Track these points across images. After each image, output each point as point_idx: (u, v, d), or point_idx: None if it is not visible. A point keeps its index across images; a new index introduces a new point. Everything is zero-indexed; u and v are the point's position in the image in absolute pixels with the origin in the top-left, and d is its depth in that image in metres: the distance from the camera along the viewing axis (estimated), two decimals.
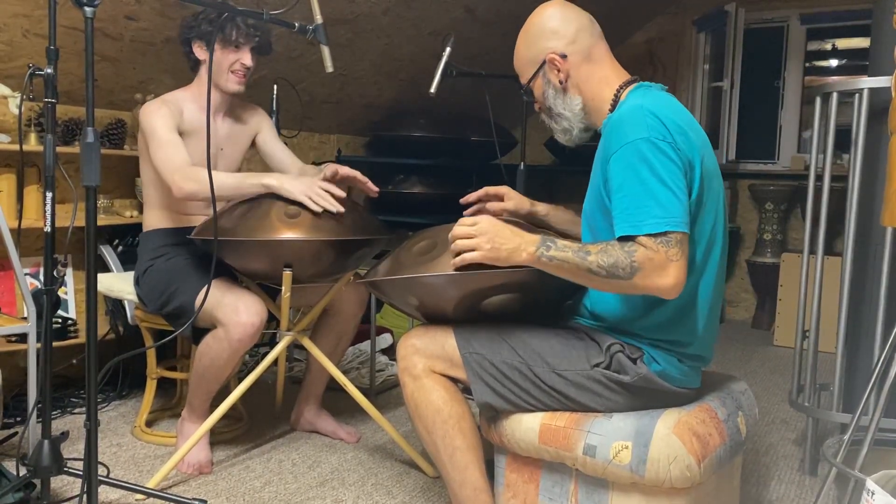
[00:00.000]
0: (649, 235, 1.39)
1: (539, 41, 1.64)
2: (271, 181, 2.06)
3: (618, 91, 1.62)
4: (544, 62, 1.64)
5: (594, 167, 1.58)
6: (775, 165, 4.78)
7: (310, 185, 2.04)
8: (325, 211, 2.02)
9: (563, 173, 5.13)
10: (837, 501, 1.95)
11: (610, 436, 1.52)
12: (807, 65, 4.82)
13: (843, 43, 4.86)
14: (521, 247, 1.51)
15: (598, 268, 1.42)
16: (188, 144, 2.24)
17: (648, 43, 5.08)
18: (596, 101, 1.64)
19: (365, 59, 3.67)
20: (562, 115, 1.67)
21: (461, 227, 1.57)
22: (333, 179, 2.17)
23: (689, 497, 1.51)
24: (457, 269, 1.57)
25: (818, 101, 2.32)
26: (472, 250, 1.53)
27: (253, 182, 2.08)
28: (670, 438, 1.48)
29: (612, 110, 1.61)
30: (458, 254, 1.56)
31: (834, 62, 5.01)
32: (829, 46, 4.93)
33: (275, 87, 3.17)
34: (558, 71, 1.63)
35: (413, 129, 4.10)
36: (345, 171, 2.21)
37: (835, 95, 2.23)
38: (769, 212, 4.59)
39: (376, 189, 2.22)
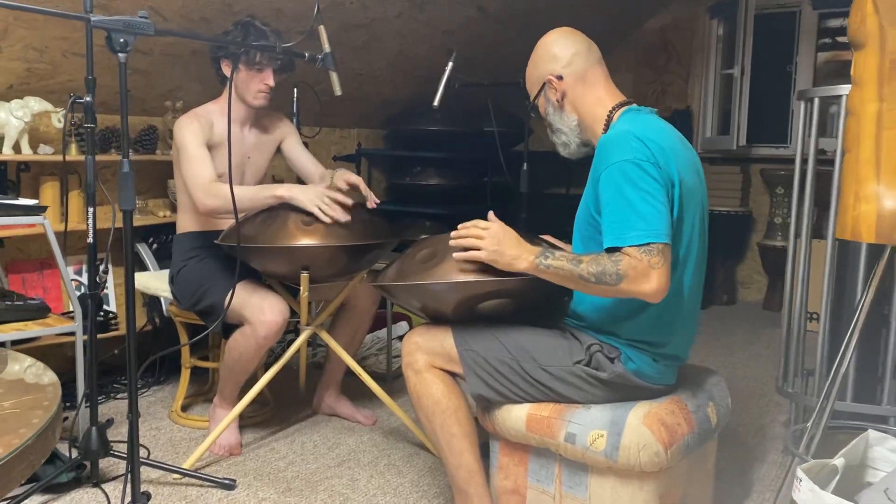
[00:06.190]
0: (633, 246, 1.56)
1: (542, 64, 1.85)
2: (283, 192, 2.24)
3: (611, 112, 1.80)
4: (545, 83, 1.83)
5: (587, 183, 1.75)
6: (787, 149, 4.86)
7: (318, 195, 2.21)
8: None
9: (578, 161, 5.24)
10: None
11: (588, 425, 1.70)
12: (828, 41, 4.85)
13: None
14: (523, 255, 1.68)
15: (589, 275, 1.58)
16: (218, 154, 2.43)
17: (662, 30, 5.14)
18: (590, 119, 1.82)
19: (381, 60, 3.83)
20: (560, 130, 1.87)
21: (475, 227, 1.75)
22: (344, 189, 2.35)
23: (659, 479, 1.70)
24: (459, 264, 1.75)
25: (802, 104, 2.45)
26: (479, 250, 1.72)
27: (266, 194, 2.27)
28: (640, 428, 1.65)
29: (605, 130, 1.78)
30: (465, 250, 1.74)
31: None
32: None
33: (294, 90, 3.35)
34: (555, 90, 1.82)
35: (429, 123, 4.25)
36: (352, 179, 2.40)
37: (816, 101, 2.36)
38: (780, 196, 4.68)
39: (376, 201, 2.40)
